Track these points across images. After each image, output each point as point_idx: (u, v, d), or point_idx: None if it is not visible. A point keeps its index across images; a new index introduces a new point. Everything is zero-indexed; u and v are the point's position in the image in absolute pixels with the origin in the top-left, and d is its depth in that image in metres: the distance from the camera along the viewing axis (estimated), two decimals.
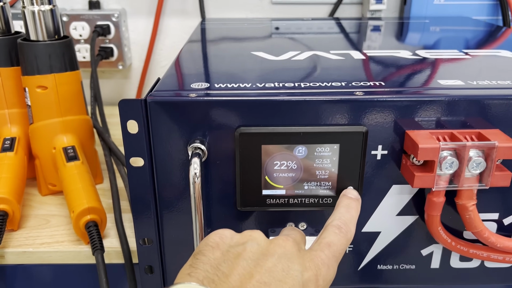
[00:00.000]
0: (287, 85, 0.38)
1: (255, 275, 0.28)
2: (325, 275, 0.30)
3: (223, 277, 0.28)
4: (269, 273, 0.28)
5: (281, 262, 0.29)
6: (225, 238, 0.31)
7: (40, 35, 0.52)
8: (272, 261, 0.29)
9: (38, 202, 0.57)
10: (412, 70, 0.44)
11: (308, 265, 0.30)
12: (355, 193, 0.37)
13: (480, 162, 0.35)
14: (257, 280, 0.28)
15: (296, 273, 0.29)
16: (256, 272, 0.28)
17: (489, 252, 0.40)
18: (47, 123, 0.54)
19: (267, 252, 0.30)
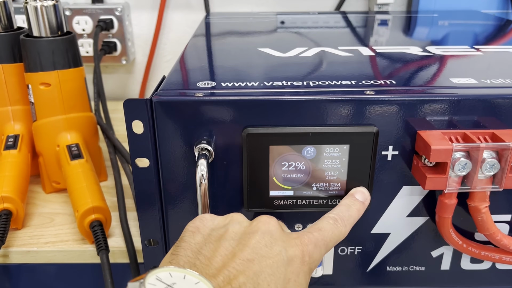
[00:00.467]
0: (296, 84, 0.37)
1: (238, 254, 0.27)
2: (311, 252, 0.30)
3: (205, 260, 0.27)
4: (252, 249, 0.28)
5: (264, 238, 0.29)
6: (206, 221, 0.31)
7: (43, 31, 0.52)
8: (255, 237, 0.29)
9: (42, 200, 0.57)
10: (423, 68, 0.43)
11: (294, 241, 0.30)
12: (364, 195, 0.36)
13: (494, 164, 0.34)
14: (240, 258, 0.27)
15: (279, 248, 0.28)
16: (238, 251, 0.28)
17: (501, 254, 0.39)
18: (50, 121, 0.54)
19: (250, 230, 0.29)
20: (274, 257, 0.28)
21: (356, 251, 0.41)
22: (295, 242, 0.30)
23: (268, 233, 0.29)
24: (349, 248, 0.41)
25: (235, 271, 0.26)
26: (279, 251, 0.28)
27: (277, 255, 0.28)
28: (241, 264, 0.27)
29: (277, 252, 0.28)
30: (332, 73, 0.40)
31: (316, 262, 0.31)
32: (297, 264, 0.29)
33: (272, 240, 0.29)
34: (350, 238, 0.40)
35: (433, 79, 0.39)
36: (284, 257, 0.28)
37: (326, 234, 0.32)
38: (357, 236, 0.40)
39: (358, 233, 0.40)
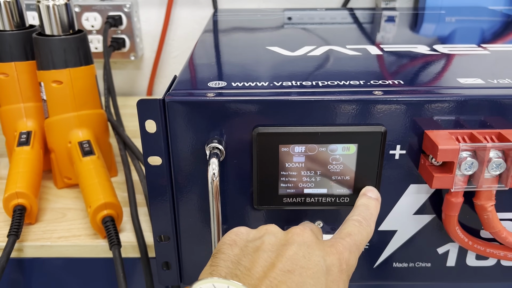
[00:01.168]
0: (305, 84, 0.38)
1: (278, 264, 0.28)
2: (347, 259, 0.30)
3: (245, 271, 0.28)
4: (291, 261, 0.28)
5: (302, 249, 0.29)
6: (241, 234, 0.31)
7: (55, 29, 0.52)
8: (293, 249, 0.29)
9: (54, 195, 0.58)
10: (430, 67, 0.43)
11: (330, 250, 0.30)
12: (375, 192, 0.37)
13: (500, 163, 0.34)
14: (280, 268, 0.27)
15: (318, 259, 0.29)
16: (278, 261, 0.28)
17: (506, 252, 0.40)
18: (62, 118, 0.55)
19: (286, 242, 0.30)
20: (313, 268, 0.28)
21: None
22: (331, 250, 0.30)
23: (304, 244, 0.29)
24: None
25: (276, 281, 0.27)
26: (318, 261, 0.29)
27: (316, 265, 0.28)
28: (282, 275, 0.27)
29: (316, 262, 0.28)
30: (340, 73, 0.41)
31: (353, 268, 0.31)
32: (335, 272, 0.29)
33: (309, 250, 0.29)
34: None
35: (440, 79, 0.40)
36: (323, 266, 0.28)
37: (356, 238, 0.32)
38: None
39: None
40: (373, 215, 0.35)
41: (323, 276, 0.28)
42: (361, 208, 0.35)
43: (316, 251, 0.29)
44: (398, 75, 0.40)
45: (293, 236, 0.30)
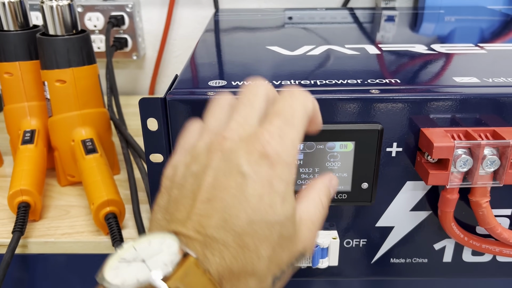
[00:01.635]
0: (303, 83, 0.39)
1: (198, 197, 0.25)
2: (277, 147, 0.26)
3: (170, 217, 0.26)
4: (210, 186, 0.25)
5: (221, 167, 0.26)
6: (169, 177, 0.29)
7: (59, 29, 0.53)
8: (211, 173, 0.26)
9: (58, 192, 0.59)
10: (427, 66, 0.44)
11: (253, 148, 0.25)
12: None
13: (494, 161, 0.35)
14: (200, 201, 0.25)
15: (239, 169, 0.25)
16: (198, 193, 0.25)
17: (502, 247, 0.40)
18: (65, 116, 0.55)
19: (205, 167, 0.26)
20: (234, 183, 0.25)
21: (361, 244, 0.42)
22: (255, 147, 0.25)
23: (223, 159, 0.26)
24: (354, 240, 0.42)
25: (198, 216, 0.24)
26: (239, 172, 0.25)
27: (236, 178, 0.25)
28: (203, 208, 0.25)
29: (237, 175, 0.25)
30: (339, 72, 0.42)
31: (290, 153, 0.26)
32: (265, 173, 0.25)
33: (229, 164, 0.25)
34: (356, 231, 0.42)
35: (436, 77, 0.41)
36: (246, 175, 0.25)
37: (287, 114, 0.27)
38: (362, 229, 0.42)
39: (363, 226, 0.41)
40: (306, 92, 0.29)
41: (247, 186, 0.25)
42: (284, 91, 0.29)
43: (237, 160, 0.25)
44: (395, 74, 0.41)
45: (212, 155, 0.26)
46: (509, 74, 0.40)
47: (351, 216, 0.41)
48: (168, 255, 0.23)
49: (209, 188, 0.25)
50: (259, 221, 0.25)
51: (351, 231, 0.42)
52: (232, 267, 0.24)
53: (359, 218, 0.41)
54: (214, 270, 0.23)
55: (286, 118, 0.27)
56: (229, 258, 0.24)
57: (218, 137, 0.27)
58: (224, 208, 0.24)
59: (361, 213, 0.41)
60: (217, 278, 0.23)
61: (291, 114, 0.27)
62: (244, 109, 0.28)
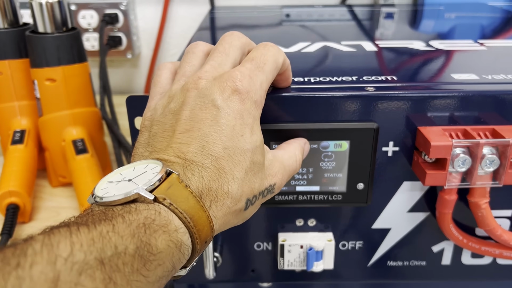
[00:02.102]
0: (297, 80, 0.38)
1: (177, 129, 0.28)
2: (247, 86, 0.28)
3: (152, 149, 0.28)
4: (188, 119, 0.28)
5: (197, 102, 0.28)
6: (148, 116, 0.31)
7: (48, 27, 0.52)
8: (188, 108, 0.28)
9: (49, 193, 0.58)
10: (425, 63, 0.43)
11: (226, 84, 0.28)
12: None
13: (493, 160, 0.34)
14: (179, 131, 0.28)
15: (213, 103, 0.28)
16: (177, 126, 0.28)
17: (502, 250, 0.39)
18: (56, 116, 0.54)
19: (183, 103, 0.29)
20: (210, 116, 0.27)
21: (357, 246, 0.41)
22: (227, 84, 0.28)
23: (198, 96, 0.28)
24: (350, 243, 0.41)
25: (177, 145, 0.27)
26: (213, 105, 0.28)
27: (211, 111, 0.28)
28: (182, 136, 0.27)
29: (211, 108, 0.28)
30: (333, 69, 0.41)
31: (257, 92, 0.29)
32: (236, 106, 0.28)
33: (204, 99, 0.28)
34: (351, 233, 0.40)
35: (434, 74, 0.39)
36: (220, 108, 0.28)
37: (259, 60, 0.30)
38: (358, 231, 0.40)
39: (359, 228, 0.40)
40: None
41: (221, 117, 0.28)
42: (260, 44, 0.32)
43: (211, 95, 0.28)
44: (391, 71, 0.40)
45: (187, 92, 0.29)
46: (509, 71, 0.39)
47: (346, 218, 0.40)
48: (152, 173, 0.25)
49: (187, 120, 0.28)
50: (233, 147, 0.27)
51: (347, 233, 0.41)
52: (210, 185, 0.26)
53: (355, 219, 0.40)
54: (194, 186, 0.26)
55: (258, 64, 0.30)
56: (207, 177, 0.26)
57: (194, 77, 0.29)
58: (202, 136, 0.27)
59: (357, 214, 0.40)
60: (198, 193, 0.26)
61: (262, 61, 0.30)
62: (219, 56, 0.31)
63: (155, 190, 0.24)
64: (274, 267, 0.42)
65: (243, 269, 0.43)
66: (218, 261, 0.41)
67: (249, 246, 0.42)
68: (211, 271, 0.40)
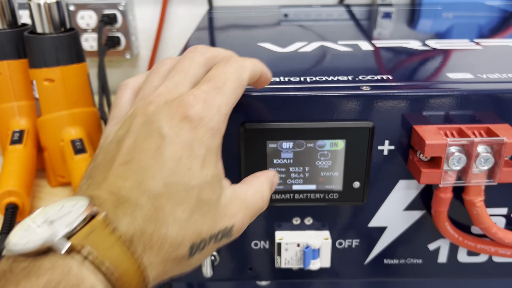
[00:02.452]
0: (293, 80, 0.38)
1: (116, 160, 0.24)
2: (200, 111, 0.25)
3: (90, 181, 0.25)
4: (130, 149, 0.25)
5: (142, 130, 0.25)
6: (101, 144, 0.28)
7: (47, 27, 0.52)
8: (132, 136, 0.25)
9: (48, 193, 0.58)
10: (421, 62, 0.43)
11: (175, 111, 0.25)
12: None
13: (488, 158, 0.34)
14: (118, 163, 0.24)
15: (159, 131, 0.25)
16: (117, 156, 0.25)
17: (497, 247, 0.39)
18: (55, 116, 0.55)
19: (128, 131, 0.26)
20: (153, 146, 0.24)
21: (353, 244, 0.41)
22: (177, 110, 0.25)
23: (145, 123, 0.25)
24: (347, 241, 0.41)
25: (113, 178, 0.24)
26: (159, 134, 0.24)
27: (156, 141, 0.24)
28: (119, 169, 0.24)
29: (157, 138, 0.24)
30: (329, 69, 0.41)
31: (213, 117, 0.26)
32: (185, 135, 0.25)
33: (150, 126, 0.25)
34: (348, 231, 0.41)
35: (429, 74, 0.40)
36: (165, 137, 0.24)
37: (217, 80, 0.27)
38: (355, 230, 0.41)
39: (355, 227, 0.40)
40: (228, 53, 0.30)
41: (166, 148, 0.24)
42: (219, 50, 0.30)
43: (158, 122, 0.25)
44: (387, 70, 0.40)
45: (134, 119, 0.26)
46: (504, 70, 0.39)
47: (343, 216, 0.40)
48: (76, 215, 0.21)
49: (128, 151, 0.25)
50: (176, 183, 0.24)
51: (343, 232, 0.41)
52: (144, 228, 0.23)
53: (351, 218, 0.40)
54: (124, 229, 0.22)
55: (216, 84, 0.27)
56: (142, 218, 0.23)
57: (144, 102, 0.26)
58: (141, 169, 0.24)
59: (353, 213, 0.40)
60: (128, 238, 0.22)
61: (221, 81, 0.27)
62: (177, 75, 0.28)
63: (74, 236, 0.21)
64: (272, 265, 0.43)
65: (241, 267, 0.43)
66: (215, 259, 0.42)
67: (246, 244, 0.42)
68: (208, 269, 0.40)
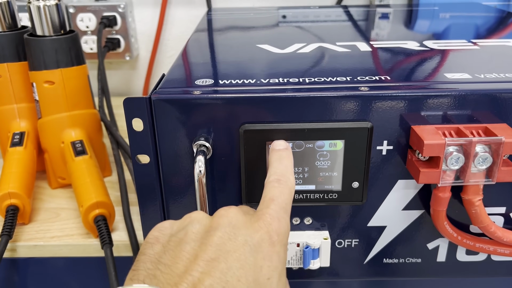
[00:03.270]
0: (292, 81, 0.38)
1: (201, 255, 0.26)
2: (277, 228, 0.28)
3: (165, 269, 0.25)
4: (216, 247, 0.26)
5: (227, 232, 0.27)
6: (164, 229, 0.29)
7: (46, 30, 0.53)
8: (218, 234, 0.27)
9: (48, 195, 0.58)
10: (418, 63, 0.43)
11: (257, 225, 0.28)
12: (282, 143, 0.35)
13: (486, 158, 0.34)
14: (202, 259, 0.25)
15: (245, 238, 0.27)
16: (201, 251, 0.26)
17: (496, 246, 0.39)
18: (55, 118, 0.55)
19: (211, 228, 0.28)
20: (240, 249, 0.26)
21: (353, 244, 0.42)
22: (259, 225, 0.28)
23: (229, 225, 0.27)
24: (346, 240, 0.41)
25: (198, 273, 0.25)
26: (244, 240, 0.27)
27: (242, 245, 0.26)
28: (205, 265, 0.25)
29: (242, 243, 0.26)
30: (328, 70, 0.41)
31: (286, 235, 0.29)
32: (266, 247, 0.27)
33: (235, 231, 0.27)
34: (347, 231, 0.41)
35: (427, 74, 0.40)
36: (250, 245, 0.27)
37: (281, 201, 0.30)
38: (354, 229, 0.41)
39: (355, 226, 0.41)
40: (288, 166, 0.33)
41: (251, 255, 0.26)
42: (275, 165, 0.33)
43: (242, 230, 0.27)
44: (385, 70, 0.40)
45: (218, 219, 0.28)
46: (502, 70, 0.39)
47: (342, 216, 0.40)
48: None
49: (214, 247, 0.26)
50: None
51: (343, 231, 0.41)
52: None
53: (350, 218, 0.40)
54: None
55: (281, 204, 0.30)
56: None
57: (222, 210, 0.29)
58: (228, 270, 0.25)
59: (353, 212, 0.40)
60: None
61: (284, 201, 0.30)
62: None
63: None
64: None
65: None
66: None
67: None
68: None
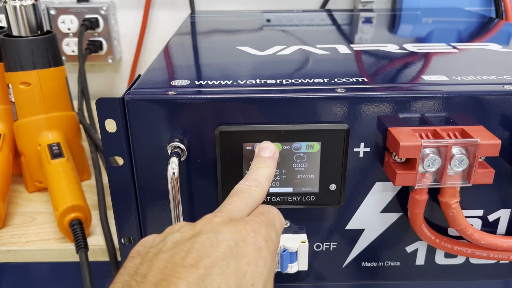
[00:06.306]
0: (269, 82, 0.38)
1: (179, 262, 0.25)
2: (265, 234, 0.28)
3: (141, 279, 0.25)
4: (196, 253, 0.25)
5: (209, 238, 0.26)
6: (146, 243, 0.28)
7: (23, 30, 0.52)
8: (199, 240, 0.26)
9: (25, 199, 0.57)
10: (397, 65, 0.43)
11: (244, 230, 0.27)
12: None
13: (462, 160, 0.34)
14: (181, 265, 0.25)
15: (227, 243, 0.26)
16: (180, 259, 0.25)
17: (474, 249, 0.39)
18: (31, 120, 0.54)
19: (192, 235, 0.27)
20: (221, 255, 0.25)
21: (331, 247, 0.41)
22: (246, 230, 0.27)
23: (211, 231, 0.27)
24: (324, 244, 0.41)
25: (175, 279, 0.24)
26: (227, 245, 0.26)
27: (225, 251, 0.26)
28: (183, 271, 0.24)
29: (225, 248, 0.26)
30: (306, 71, 0.41)
31: (275, 242, 0.28)
32: (251, 253, 0.26)
33: (218, 236, 0.26)
34: (325, 234, 0.41)
35: (405, 76, 0.40)
36: (234, 250, 0.26)
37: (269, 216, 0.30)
38: (332, 232, 0.40)
39: (333, 229, 0.40)
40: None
41: (233, 260, 0.25)
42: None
43: (225, 235, 0.26)
44: (363, 72, 0.40)
45: (201, 226, 0.27)
46: (479, 72, 0.39)
47: (320, 219, 0.40)
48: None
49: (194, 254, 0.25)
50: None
51: (321, 234, 0.41)
52: None
53: (328, 220, 0.40)
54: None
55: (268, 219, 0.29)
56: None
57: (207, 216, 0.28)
58: (207, 276, 0.24)
59: (330, 215, 0.40)
60: None
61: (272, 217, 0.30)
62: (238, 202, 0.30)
63: None
64: None
65: None
66: None
67: None
68: None
